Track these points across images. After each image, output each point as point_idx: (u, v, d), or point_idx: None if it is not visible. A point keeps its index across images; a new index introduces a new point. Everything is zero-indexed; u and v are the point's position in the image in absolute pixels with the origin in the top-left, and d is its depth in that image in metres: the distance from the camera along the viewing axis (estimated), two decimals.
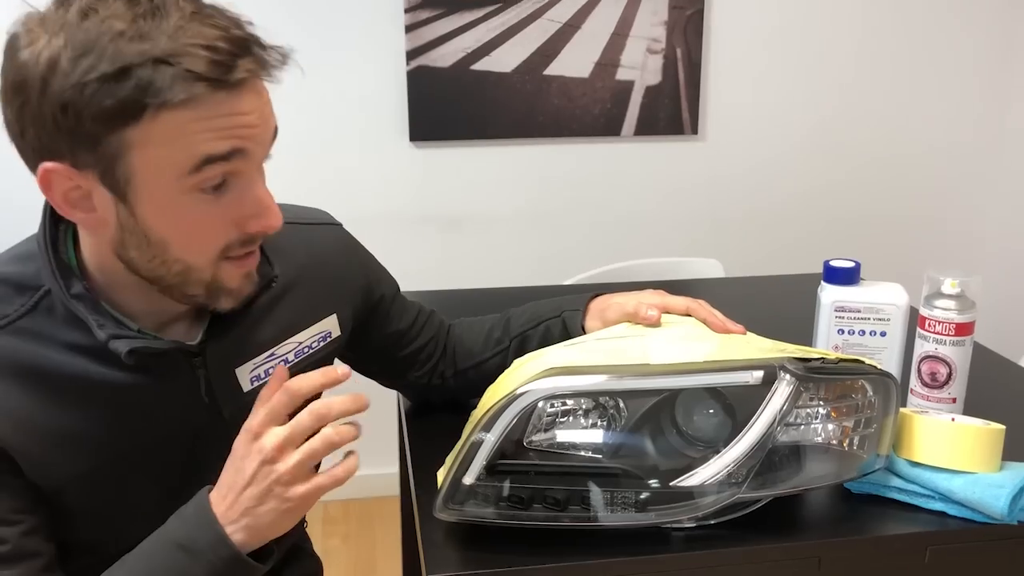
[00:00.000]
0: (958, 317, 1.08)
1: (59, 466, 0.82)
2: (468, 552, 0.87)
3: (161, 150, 0.73)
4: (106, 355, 0.81)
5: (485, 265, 2.53)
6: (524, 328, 1.12)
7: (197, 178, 0.75)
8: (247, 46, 0.74)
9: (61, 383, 0.81)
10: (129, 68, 0.70)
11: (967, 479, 0.91)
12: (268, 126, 0.79)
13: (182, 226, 0.77)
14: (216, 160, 0.74)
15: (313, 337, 0.99)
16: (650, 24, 2.41)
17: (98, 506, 0.86)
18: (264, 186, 0.80)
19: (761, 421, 0.87)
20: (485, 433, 0.86)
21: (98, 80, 0.69)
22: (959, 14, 2.57)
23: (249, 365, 0.92)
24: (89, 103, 0.70)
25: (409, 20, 2.31)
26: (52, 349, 0.80)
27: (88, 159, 0.73)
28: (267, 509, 0.78)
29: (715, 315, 0.99)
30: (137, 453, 0.85)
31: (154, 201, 0.75)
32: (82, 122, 0.71)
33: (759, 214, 2.64)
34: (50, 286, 0.81)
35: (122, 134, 0.72)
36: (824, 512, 0.95)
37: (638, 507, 0.88)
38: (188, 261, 0.79)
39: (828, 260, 1.17)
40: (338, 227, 1.06)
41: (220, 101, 0.73)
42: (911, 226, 2.72)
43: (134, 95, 0.70)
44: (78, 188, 0.75)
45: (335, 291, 1.02)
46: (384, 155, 2.41)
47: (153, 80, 0.70)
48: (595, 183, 2.54)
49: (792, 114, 2.58)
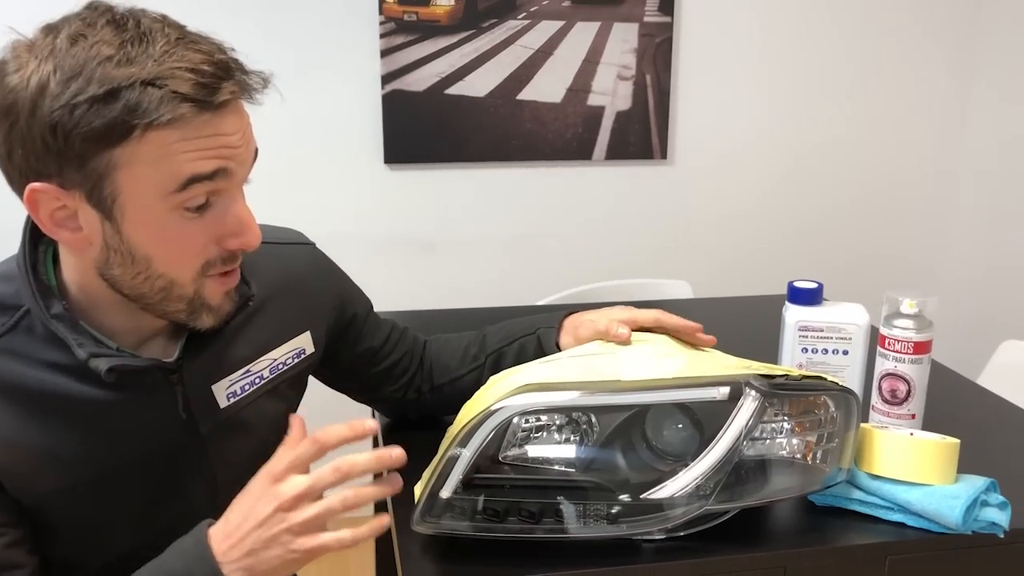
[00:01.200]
0: (916, 336, 1.12)
1: (40, 482, 0.82)
2: (445, 564, 0.89)
3: (147, 169, 0.75)
4: (85, 373, 0.82)
5: (459, 286, 2.55)
6: (500, 345, 1.15)
7: (182, 197, 0.77)
8: (230, 69, 0.77)
9: (41, 401, 0.82)
10: (117, 90, 0.72)
11: (925, 491, 0.94)
12: (249, 147, 0.81)
13: (166, 243, 0.79)
14: (201, 180, 0.77)
15: (287, 354, 1.01)
16: (621, 51, 2.46)
17: (79, 521, 0.86)
18: (244, 205, 0.83)
19: (728, 435, 0.90)
20: (461, 448, 0.88)
21: (87, 101, 0.72)
22: (920, 44, 2.65)
23: (225, 382, 0.93)
24: (78, 124, 0.72)
25: (384, 45, 2.34)
26: (32, 368, 0.81)
27: (75, 179, 0.75)
28: (271, 555, 0.78)
29: (685, 322, 1.02)
30: (116, 469, 0.86)
31: (139, 219, 0.77)
32: (71, 142, 0.73)
33: (726, 236, 2.68)
34: (30, 306, 0.82)
35: (110, 154, 0.74)
36: (789, 523, 0.98)
37: (610, 519, 0.90)
38: (171, 277, 0.81)
39: (792, 281, 1.20)
40: (311, 247, 1.08)
41: (204, 122, 0.75)
42: (872, 248, 2.78)
43: (122, 116, 0.72)
44: (64, 208, 0.77)
45: (308, 309, 1.03)
46: (359, 177, 2.43)
47: (140, 101, 0.72)
48: (567, 206, 2.58)
49: (758, 140, 2.64)
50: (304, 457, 0.80)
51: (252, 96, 0.79)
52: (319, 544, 0.79)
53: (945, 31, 2.66)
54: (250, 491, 0.81)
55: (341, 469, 0.80)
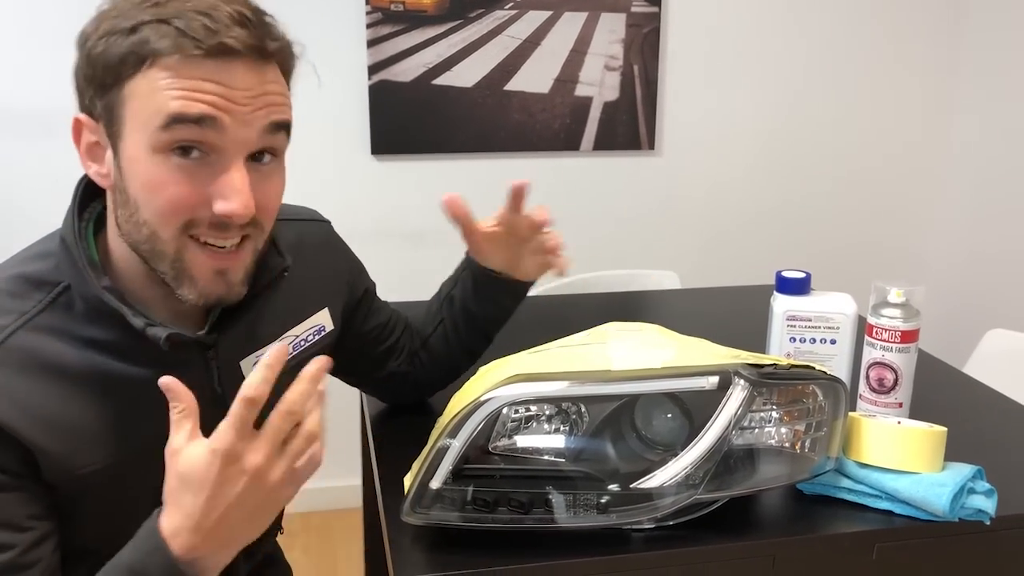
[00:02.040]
0: (903, 325, 1.13)
1: (78, 462, 0.82)
2: (435, 555, 0.89)
3: (142, 102, 0.76)
4: (124, 350, 0.82)
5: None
6: (448, 290, 1.18)
7: (165, 136, 0.76)
8: (247, 23, 0.77)
9: (80, 379, 0.81)
10: (139, 25, 0.76)
11: (912, 479, 0.95)
12: (259, 110, 0.79)
13: (150, 185, 0.78)
14: (185, 122, 0.76)
15: (308, 331, 1.01)
16: (608, 42, 2.46)
17: (110, 503, 0.85)
18: (242, 170, 0.79)
19: (717, 425, 0.90)
20: (451, 439, 0.88)
21: (115, 33, 0.76)
22: (906, 34, 2.66)
23: (251, 358, 0.94)
24: (103, 53, 0.76)
25: (371, 35, 2.33)
26: (71, 345, 0.81)
27: (99, 109, 0.79)
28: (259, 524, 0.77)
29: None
30: (153, 447, 0.83)
31: (132, 155, 0.78)
32: (97, 70, 0.77)
33: (714, 227, 2.69)
34: (71, 281, 0.82)
35: (124, 86, 0.77)
36: (778, 512, 0.98)
37: (599, 509, 0.91)
38: (154, 226, 0.79)
39: (780, 271, 1.21)
40: (326, 223, 1.11)
41: (204, 65, 0.76)
42: (859, 238, 2.80)
43: (134, 48, 0.75)
44: (96, 142, 0.81)
45: (325, 285, 1.05)
46: (346, 169, 2.43)
47: (151, 36, 0.75)
48: (554, 197, 2.57)
49: (745, 130, 2.64)
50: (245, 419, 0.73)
51: (267, 56, 0.79)
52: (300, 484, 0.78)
53: (931, 22, 2.67)
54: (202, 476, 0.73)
55: (289, 411, 0.75)
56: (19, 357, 0.79)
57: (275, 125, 0.81)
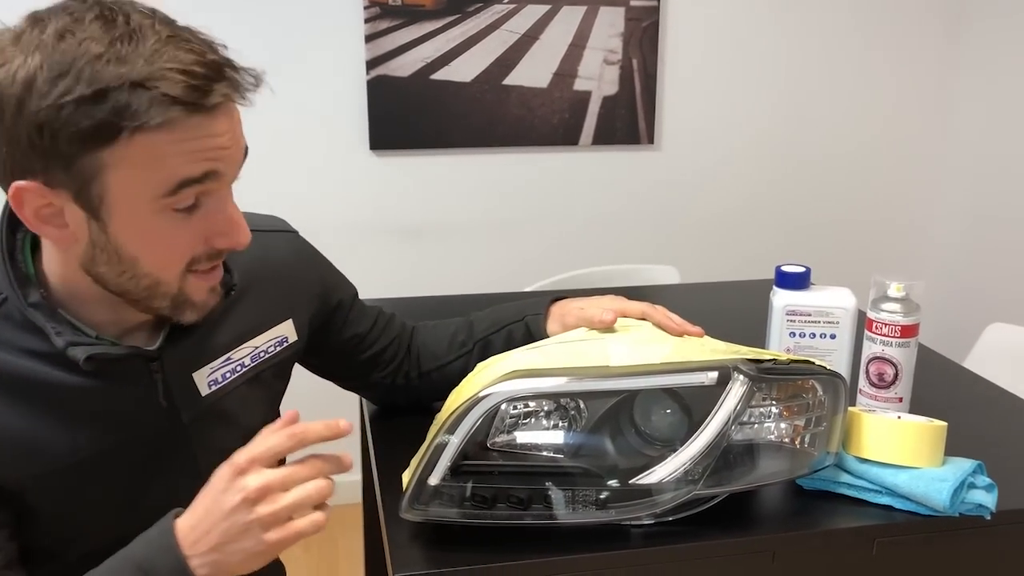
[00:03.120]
0: (903, 320, 1.12)
1: (19, 467, 0.82)
2: (433, 551, 0.89)
3: (137, 172, 0.74)
4: (64, 361, 0.81)
5: (445, 273, 2.54)
6: (487, 332, 1.14)
7: (172, 200, 0.76)
8: (221, 70, 0.75)
9: (19, 387, 0.81)
10: (106, 91, 0.70)
11: (912, 474, 0.95)
12: (239, 147, 0.80)
13: (153, 244, 0.79)
14: (191, 183, 0.76)
15: (269, 342, 1.00)
16: (607, 36, 2.45)
17: (59, 509, 0.86)
18: (233, 204, 0.82)
19: (716, 420, 0.90)
20: (449, 435, 0.87)
21: (75, 102, 0.70)
22: (907, 28, 2.66)
23: (206, 370, 0.93)
24: (66, 124, 0.71)
25: (369, 30, 2.33)
26: (10, 354, 0.81)
27: (62, 178, 0.74)
28: (238, 548, 0.77)
29: (671, 319, 1.02)
30: (96, 457, 0.86)
31: (127, 220, 0.77)
32: (58, 143, 0.71)
33: (713, 222, 2.69)
34: (7, 294, 0.81)
35: (98, 155, 0.72)
36: (777, 508, 0.98)
37: (598, 505, 0.90)
38: (157, 276, 0.80)
39: (780, 266, 1.21)
40: (293, 234, 1.07)
41: (195, 125, 0.74)
42: (859, 232, 2.79)
43: (111, 118, 0.71)
44: (50, 205, 0.76)
45: (290, 296, 1.03)
46: (345, 164, 2.42)
47: (130, 103, 0.71)
48: (553, 192, 2.57)
49: (745, 123, 2.64)
50: (275, 450, 0.79)
51: (244, 96, 0.78)
52: (291, 534, 0.77)
53: (931, 17, 2.66)
54: (214, 484, 0.79)
55: (296, 435, 0.79)
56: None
57: (245, 153, 0.82)
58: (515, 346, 1.06)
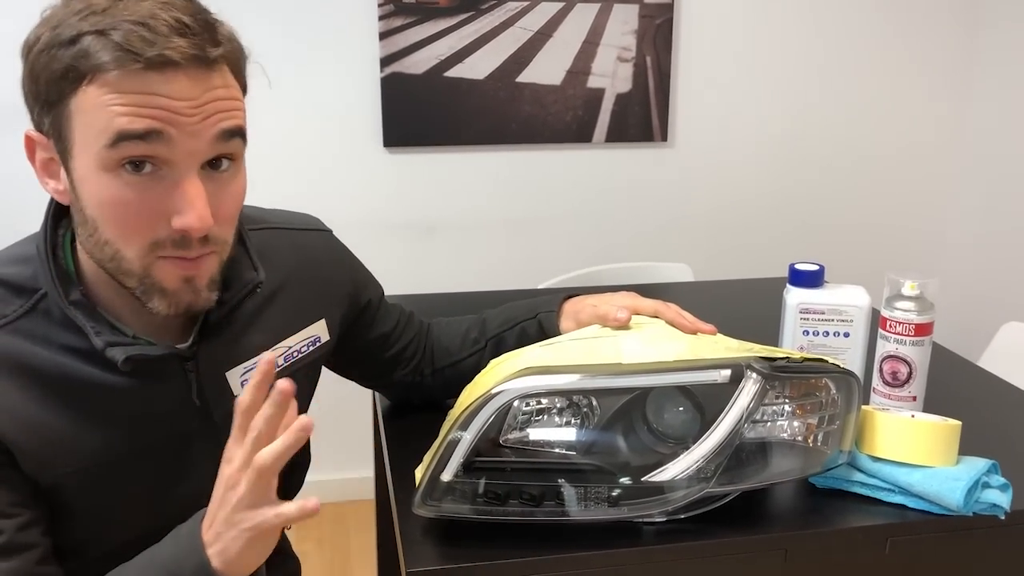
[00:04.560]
0: (917, 318, 1.12)
1: (55, 463, 0.82)
2: (446, 547, 0.89)
3: (88, 119, 0.74)
4: (101, 359, 0.82)
5: (458, 270, 2.54)
6: (500, 329, 1.15)
7: (115, 154, 0.74)
8: (187, 30, 0.74)
9: (56, 384, 0.81)
10: (77, 37, 0.73)
11: (926, 473, 0.95)
12: (207, 119, 0.76)
13: (105, 204, 0.76)
14: (131, 138, 0.74)
15: (302, 342, 1.00)
16: (621, 33, 2.45)
17: (91, 506, 0.86)
18: (196, 182, 0.77)
19: (729, 418, 0.90)
20: (462, 432, 0.88)
21: (54, 46, 0.74)
22: (923, 24, 2.64)
23: (239, 369, 0.93)
24: (44, 68, 0.75)
25: (383, 27, 2.33)
26: (48, 350, 0.81)
27: (48, 127, 0.77)
28: (232, 535, 0.76)
29: (683, 316, 1.02)
30: (130, 454, 0.86)
31: (84, 174, 0.76)
32: (40, 86, 0.76)
33: (727, 219, 2.68)
34: (48, 290, 0.82)
35: (67, 102, 0.75)
36: (790, 506, 0.98)
37: (610, 502, 0.90)
38: (116, 246, 0.78)
39: (793, 264, 1.21)
40: (327, 233, 1.07)
41: (145, 79, 0.73)
42: (873, 230, 2.78)
43: (73, 61, 0.73)
44: (50, 158, 0.79)
45: (324, 296, 1.03)
46: (358, 161, 2.43)
47: (89, 48, 0.73)
48: (567, 189, 2.57)
49: (759, 122, 2.63)
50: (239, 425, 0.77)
51: (210, 63, 0.76)
52: (260, 519, 0.75)
53: (949, 17, 2.64)
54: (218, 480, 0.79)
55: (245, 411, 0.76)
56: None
57: (226, 132, 0.78)
58: (528, 343, 1.07)
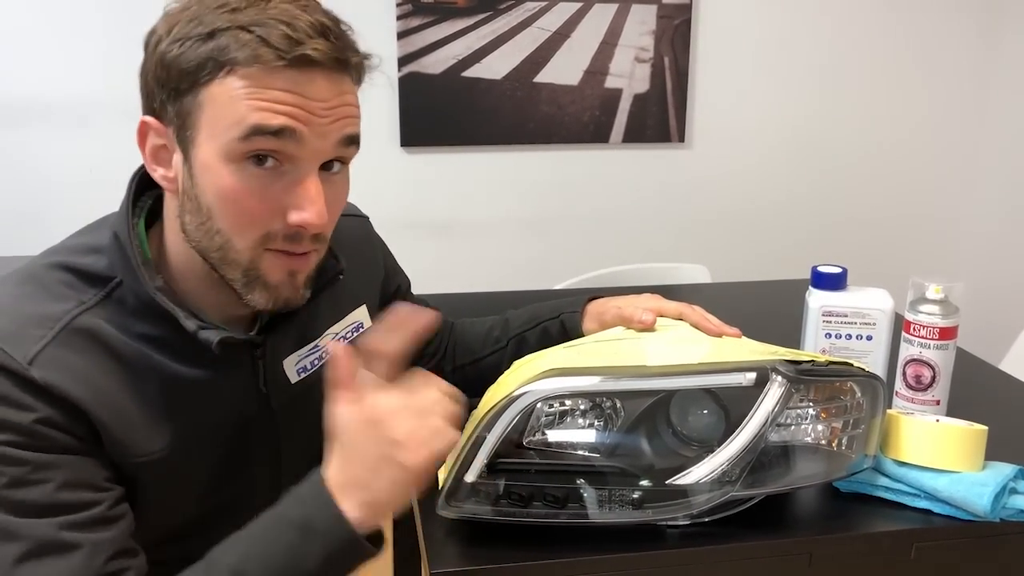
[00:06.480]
0: (942, 322, 1.11)
1: (134, 449, 0.82)
2: (469, 548, 0.89)
3: (220, 111, 0.76)
4: (174, 347, 0.83)
5: (475, 270, 2.54)
6: (522, 329, 1.14)
7: (245, 146, 0.76)
8: (328, 33, 0.77)
9: (135, 370, 0.82)
10: (215, 32, 0.75)
11: (952, 478, 0.94)
12: (336, 122, 0.79)
13: (225, 194, 0.78)
14: (265, 133, 0.75)
15: (347, 328, 1.01)
16: (638, 33, 2.44)
17: (154, 495, 0.85)
18: (316, 181, 0.79)
19: (754, 421, 0.89)
20: (485, 433, 0.88)
21: (191, 39, 0.76)
22: (939, 20, 2.62)
23: (294, 357, 0.94)
24: (177, 59, 0.76)
25: (401, 27, 2.33)
26: (125, 336, 0.82)
27: (171, 115, 0.78)
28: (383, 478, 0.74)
29: (708, 319, 1.01)
30: (194, 442, 0.86)
31: (206, 163, 0.77)
32: (171, 75, 0.76)
33: (745, 220, 2.67)
34: (123, 278, 0.82)
35: (198, 92, 0.76)
36: (814, 510, 0.97)
37: (634, 505, 0.90)
38: (228, 236, 0.79)
39: (816, 266, 1.20)
40: (365, 219, 1.10)
41: (284, 76, 0.75)
42: (896, 231, 2.76)
43: (211, 54, 0.75)
44: (163, 145, 0.80)
45: (364, 282, 1.04)
46: (376, 161, 2.43)
47: (230, 43, 0.75)
48: (584, 190, 2.57)
49: (777, 122, 2.61)
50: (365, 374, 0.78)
51: (346, 68, 0.79)
52: (429, 451, 0.75)
53: (966, 16, 2.63)
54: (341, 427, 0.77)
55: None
56: (81, 340, 0.79)
57: (348, 137, 0.81)
58: (550, 343, 1.06)
